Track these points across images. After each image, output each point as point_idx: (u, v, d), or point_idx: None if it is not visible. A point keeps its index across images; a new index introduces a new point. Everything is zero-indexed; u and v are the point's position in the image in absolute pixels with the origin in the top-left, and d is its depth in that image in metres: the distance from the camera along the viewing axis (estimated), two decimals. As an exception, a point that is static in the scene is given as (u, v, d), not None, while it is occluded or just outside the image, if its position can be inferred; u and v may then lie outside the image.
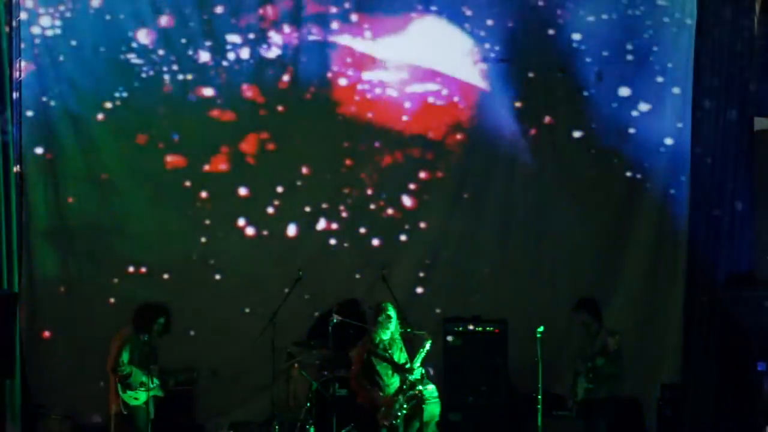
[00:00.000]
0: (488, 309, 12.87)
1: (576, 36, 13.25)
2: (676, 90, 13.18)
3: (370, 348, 11.37)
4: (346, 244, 13.24)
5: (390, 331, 11.34)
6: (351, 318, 12.00)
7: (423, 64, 13.25)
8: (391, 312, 11.33)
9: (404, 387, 11.24)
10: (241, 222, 13.11)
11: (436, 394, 11.46)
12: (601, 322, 11.48)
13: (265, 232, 13.14)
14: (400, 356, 11.41)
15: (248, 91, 13.09)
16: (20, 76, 12.51)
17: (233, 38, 13.01)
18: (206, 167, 13.05)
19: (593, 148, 13.33)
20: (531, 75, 13.31)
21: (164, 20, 12.89)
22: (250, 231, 13.12)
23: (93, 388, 12.63)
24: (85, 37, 12.75)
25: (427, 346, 11.32)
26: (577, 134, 13.35)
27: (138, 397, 11.25)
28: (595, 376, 11.23)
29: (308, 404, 11.98)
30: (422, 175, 13.31)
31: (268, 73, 13.08)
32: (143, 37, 12.86)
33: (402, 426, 11.18)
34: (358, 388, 11.38)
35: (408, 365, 11.30)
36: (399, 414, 11.15)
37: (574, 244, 13.30)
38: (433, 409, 11.40)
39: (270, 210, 13.15)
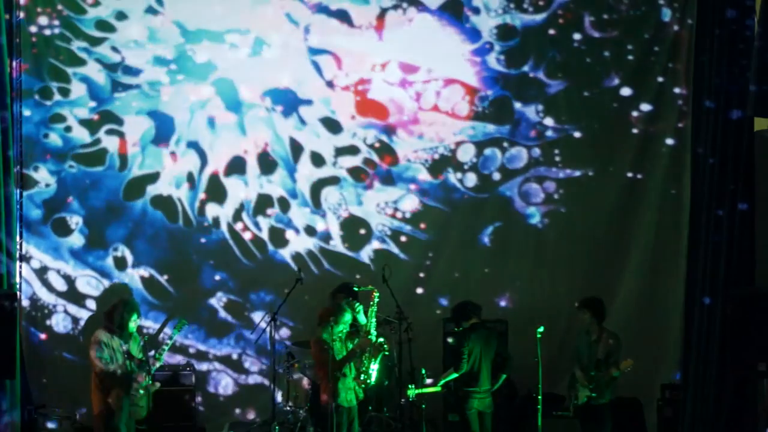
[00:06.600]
0: (488, 309, 12.85)
1: (576, 36, 13.26)
2: (676, 90, 13.18)
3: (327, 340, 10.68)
4: (346, 245, 13.24)
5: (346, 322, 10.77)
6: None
7: (423, 64, 13.23)
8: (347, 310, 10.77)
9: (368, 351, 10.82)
10: (241, 223, 13.10)
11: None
12: (602, 326, 11.37)
13: (264, 234, 13.12)
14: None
15: (248, 91, 13.08)
16: (19, 75, 12.50)
17: (233, 38, 13.00)
18: (206, 168, 13.04)
19: (593, 148, 13.33)
20: (531, 76, 13.31)
21: (162, 19, 12.88)
22: (250, 231, 13.11)
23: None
24: (82, 36, 12.75)
25: (376, 298, 11.01)
26: (577, 134, 13.35)
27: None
28: (598, 386, 11.15)
29: (308, 404, 11.97)
30: (422, 175, 13.30)
31: (268, 73, 13.07)
32: (141, 36, 12.85)
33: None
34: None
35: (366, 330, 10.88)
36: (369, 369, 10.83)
37: (574, 245, 13.30)
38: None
39: (270, 211, 13.14)
